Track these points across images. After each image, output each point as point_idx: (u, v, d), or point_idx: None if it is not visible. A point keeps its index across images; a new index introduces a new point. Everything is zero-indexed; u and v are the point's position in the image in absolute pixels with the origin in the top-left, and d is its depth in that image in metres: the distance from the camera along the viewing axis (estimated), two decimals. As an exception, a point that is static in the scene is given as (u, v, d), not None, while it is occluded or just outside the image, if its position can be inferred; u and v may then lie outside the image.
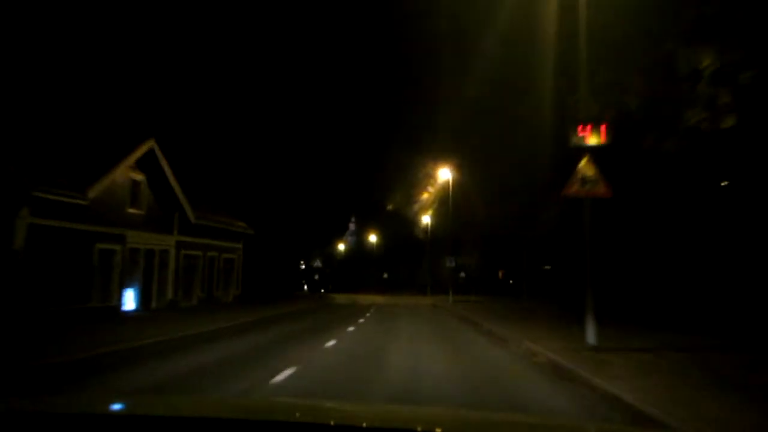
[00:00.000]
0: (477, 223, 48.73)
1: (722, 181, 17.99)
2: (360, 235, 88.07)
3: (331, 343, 11.69)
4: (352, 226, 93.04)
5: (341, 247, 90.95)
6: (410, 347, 11.44)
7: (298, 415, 2.32)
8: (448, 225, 39.12)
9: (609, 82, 12.82)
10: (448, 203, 36.72)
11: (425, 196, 60.42)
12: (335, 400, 5.83)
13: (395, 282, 69.97)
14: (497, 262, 55.84)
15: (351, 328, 15.44)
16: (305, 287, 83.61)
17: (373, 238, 78.28)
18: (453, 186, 36.32)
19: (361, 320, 19.02)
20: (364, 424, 2.11)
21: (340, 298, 44.52)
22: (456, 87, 32.53)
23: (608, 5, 11.77)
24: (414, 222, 64.45)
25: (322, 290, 77.27)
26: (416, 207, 62.35)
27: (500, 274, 58.33)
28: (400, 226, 68.27)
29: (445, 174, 36.80)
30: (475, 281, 53.74)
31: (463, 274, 53.57)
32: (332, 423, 2.13)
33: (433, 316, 22.75)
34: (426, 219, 59.90)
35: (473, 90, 28.40)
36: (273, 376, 7.52)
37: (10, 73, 22.30)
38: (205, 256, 25.92)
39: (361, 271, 79.52)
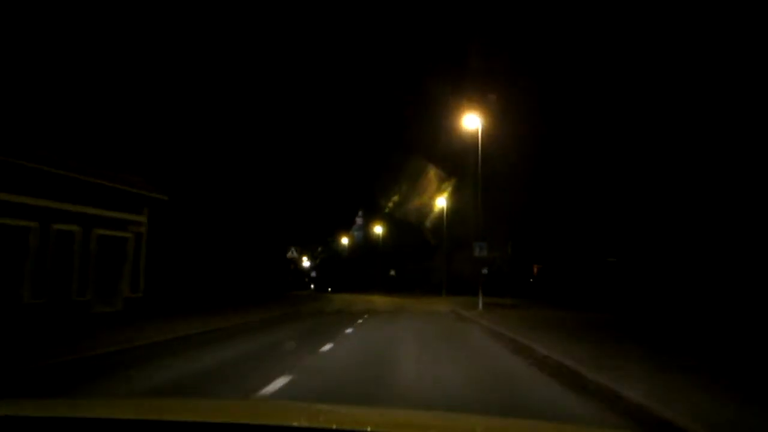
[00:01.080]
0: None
1: None
2: (367, 230, 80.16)
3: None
4: (359, 221, 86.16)
5: (345, 241, 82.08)
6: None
7: (302, 419, 2.21)
8: (474, 200, 27.57)
9: None
10: (476, 165, 24.94)
11: (431, 174, 50.37)
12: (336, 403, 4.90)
13: (404, 280, 59.47)
14: (532, 253, 44.15)
15: None
16: (312, 286, 75.05)
17: (378, 229, 67.97)
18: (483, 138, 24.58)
19: (288, 380, 6.98)
20: (369, 428, 2.00)
21: (337, 301, 35.48)
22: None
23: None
24: (424, 215, 54.58)
25: (329, 289, 68.10)
26: (426, 199, 52.32)
27: (535, 269, 46.45)
28: (408, 223, 59.83)
29: (472, 122, 24.93)
30: (505, 278, 41.46)
31: (485, 270, 41.73)
32: (334, 427, 2.03)
33: (477, 358, 9.81)
34: (441, 202, 48.22)
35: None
36: None
37: None
38: (47, 231, 14.31)
39: (367, 268, 70.50)
